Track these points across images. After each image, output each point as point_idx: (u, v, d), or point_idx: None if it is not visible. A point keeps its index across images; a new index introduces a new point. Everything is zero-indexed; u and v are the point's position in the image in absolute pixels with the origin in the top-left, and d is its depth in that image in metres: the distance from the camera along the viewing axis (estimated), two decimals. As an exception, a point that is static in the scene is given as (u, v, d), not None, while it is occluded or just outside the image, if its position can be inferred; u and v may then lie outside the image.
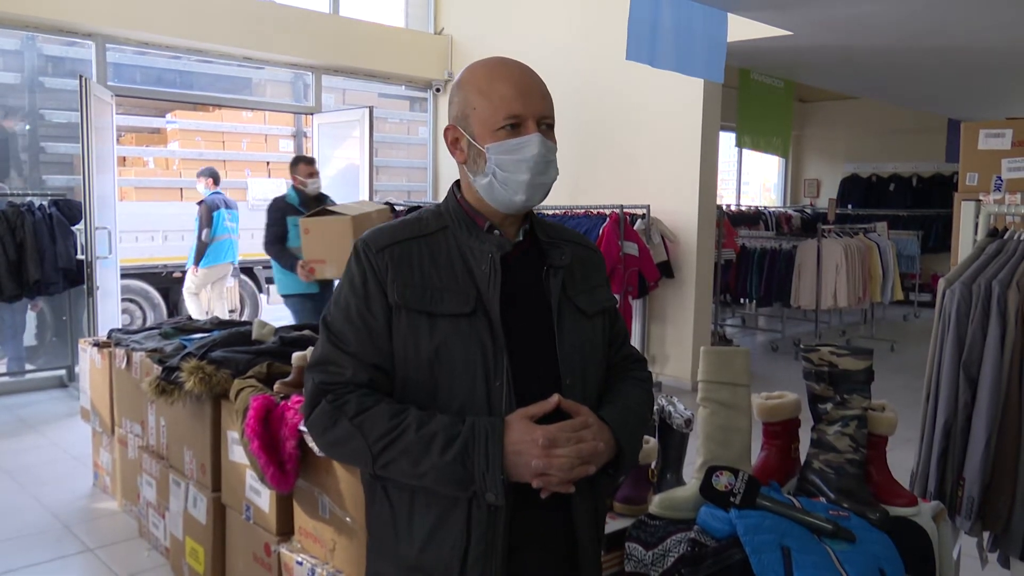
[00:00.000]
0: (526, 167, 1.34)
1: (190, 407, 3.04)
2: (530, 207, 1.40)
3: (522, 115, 1.34)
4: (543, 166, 1.35)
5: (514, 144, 1.34)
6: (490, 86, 1.36)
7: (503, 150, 1.34)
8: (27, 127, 7.04)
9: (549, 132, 1.38)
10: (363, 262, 1.37)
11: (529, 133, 1.34)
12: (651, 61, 5.07)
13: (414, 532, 1.36)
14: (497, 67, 1.38)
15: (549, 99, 1.39)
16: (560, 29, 7.44)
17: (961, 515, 2.24)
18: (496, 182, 1.36)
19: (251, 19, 7.16)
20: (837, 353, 1.83)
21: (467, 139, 1.38)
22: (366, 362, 1.35)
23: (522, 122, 1.34)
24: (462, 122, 1.39)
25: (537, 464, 1.26)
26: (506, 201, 1.37)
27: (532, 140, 1.34)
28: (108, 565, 3.37)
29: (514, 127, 1.34)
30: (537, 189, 1.37)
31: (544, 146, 1.35)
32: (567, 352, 1.38)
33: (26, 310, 6.66)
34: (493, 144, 1.35)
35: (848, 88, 9.22)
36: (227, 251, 7.40)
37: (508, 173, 1.35)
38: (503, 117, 1.34)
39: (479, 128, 1.36)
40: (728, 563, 1.57)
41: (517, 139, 1.34)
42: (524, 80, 1.37)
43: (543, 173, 1.36)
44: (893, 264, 8.49)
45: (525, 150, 1.34)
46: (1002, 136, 3.50)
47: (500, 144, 1.34)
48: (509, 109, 1.34)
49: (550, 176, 1.38)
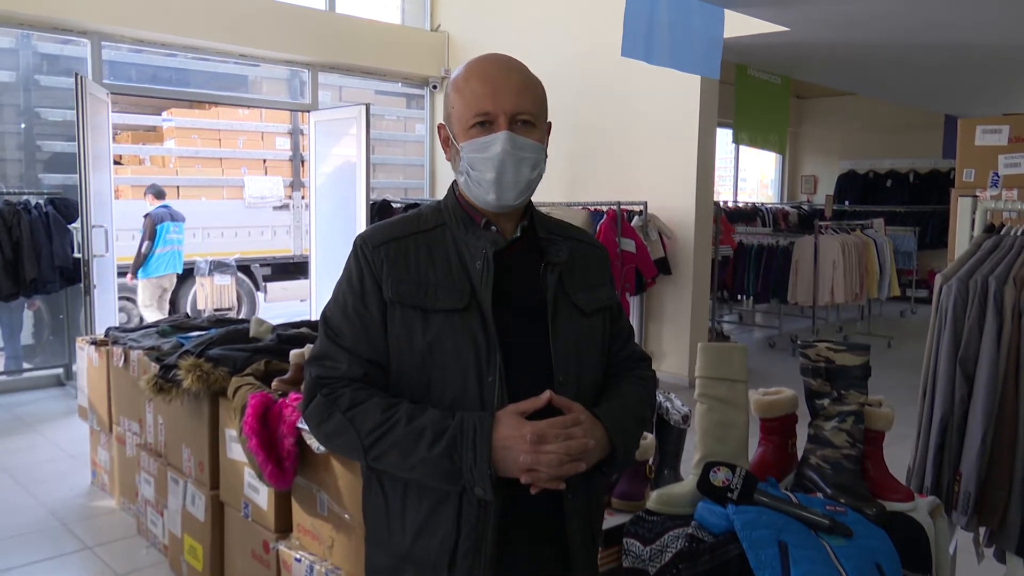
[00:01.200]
0: (491, 165, 1.33)
1: (188, 405, 3.04)
2: (507, 205, 1.38)
3: (492, 112, 1.33)
4: (511, 164, 1.33)
5: (481, 143, 1.34)
6: (465, 84, 1.36)
7: (472, 148, 1.35)
8: (23, 125, 7.03)
9: (526, 128, 1.36)
10: (360, 258, 1.38)
11: (498, 131, 1.33)
12: (647, 58, 5.07)
13: (407, 523, 1.37)
14: (475, 64, 1.38)
15: (529, 94, 1.36)
16: (557, 25, 7.43)
17: (957, 510, 2.24)
18: (470, 181, 1.36)
19: (247, 16, 7.14)
20: (834, 349, 1.84)
21: (451, 137, 1.39)
22: (361, 357, 1.36)
23: (493, 119, 1.33)
24: (447, 120, 1.40)
25: (525, 460, 1.26)
26: (481, 199, 1.37)
27: (497, 138, 1.33)
28: (107, 563, 3.37)
29: (484, 124, 1.34)
30: (507, 188, 1.35)
31: (511, 143, 1.33)
32: (561, 349, 1.38)
33: (23, 309, 6.66)
34: (465, 143, 1.35)
35: (845, 84, 9.22)
36: (172, 262, 7.59)
37: (477, 172, 1.35)
38: (473, 115, 1.34)
39: (457, 126, 1.37)
40: (725, 558, 1.58)
41: (484, 137, 1.34)
42: (498, 76, 1.35)
43: (512, 172, 1.34)
44: (890, 260, 8.51)
45: (490, 148, 1.33)
46: (999, 132, 3.51)
47: (470, 143, 1.35)
48: (479, 107, 1.33)
49: (522, 174, 1.35)
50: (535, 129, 1.37)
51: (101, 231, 5.97)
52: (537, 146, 1.37)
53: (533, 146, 1.36)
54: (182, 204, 8.16)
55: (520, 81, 1.36)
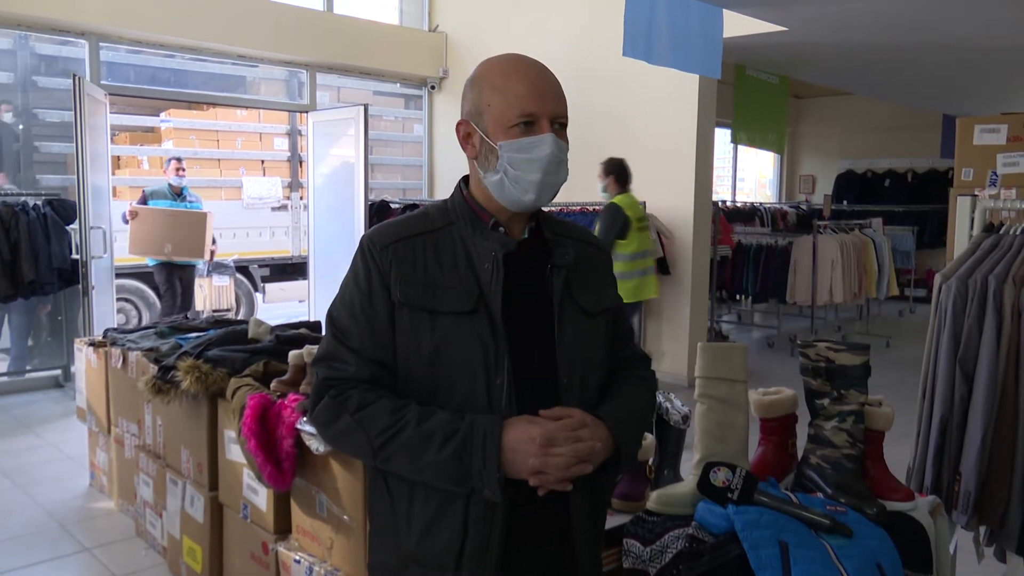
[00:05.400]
0: (538, 166, 1.34)
1: (187, 406, 3.03)
2: (539, 207, 1.41)
3: (536, 114, 1.34)
4: (555, 166, 1.35)
5: (527, 143, 1.34)
6: (506, 83, 1.35)
7: (516, 148, 1.34)
8: (20, 127, 7.01)
9: (562, 132, 1.38)
10: (367, 258, 1.38)
11: (543, 132, 1.34)
12: (647, 57, 5.07)
13: (413, 524, 1.37)
14: (514, 64, 1.38)
15: (563, 100, 1.39)
16: (556, 25, 7.43)
17: (958, 510, 2.24)
18: (507, 180, 1.36)
19: (245, 17, 7.14)
20: (834, 349, 1.84)
21: (480, 135, 1.38)
22: (369, 358, 1.36)
23: (536, 121, 1.34)
24: (476, 118, 1.38)
25: (534, 463, 1.27)
26: (515, 199, 1.37)
27: (546, 140, 1.34)
28: (105, 565, 3.36)
29: (527, 125, 1.34)
30: (547, 189, 1.36)
31: (557, 146, 1.34)
32: (566, 351, 1.38)
33: (28, 311, 6.60)
34: (506, 142, 1.34)
35: (843, 84, 9.23)
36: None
37: (519, 171, 1.34)
38: (517, 115, 1.34)
39: (492, 125, 1.36)
40: (726, 559, 1.57)
41: (530, 138, 1.34)
42: (540, 79, 1.37)
43: (554, 173, 1.36)
44: (889, 260, 8.51)
45: (538, 149, 1.33)
46: (997, 131, 3.51)
47: (513, 142, 1.34)
48: (524, 107, 1.33)
49: (561, 176, 1.38)
50: (565, 133, 1.39)
51: (99, 232, 5.96)
52: (568, 150, 1.39)
53: (567, 150, 1.39)
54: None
55: (557, 85, 1.39)
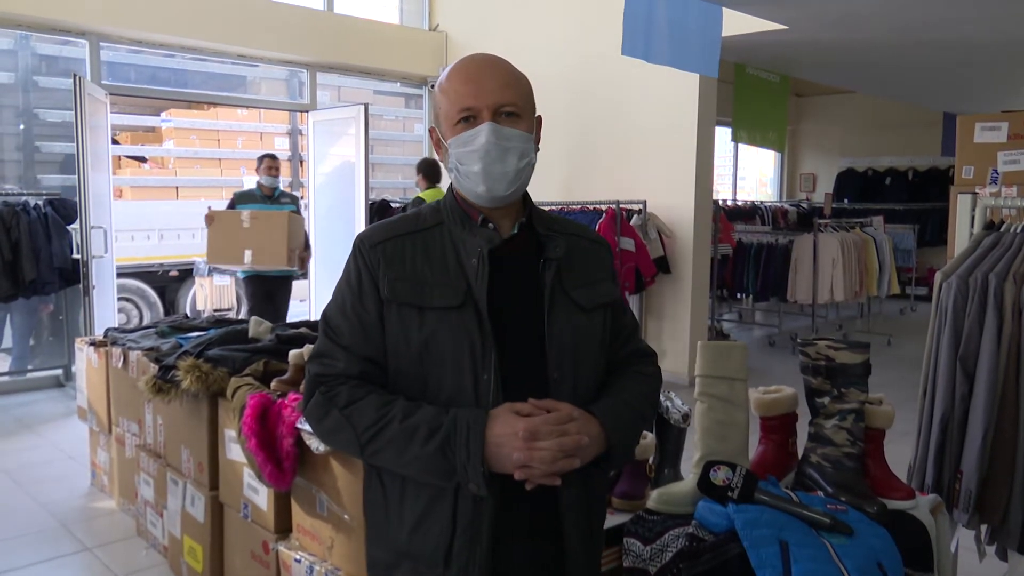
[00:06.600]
0: (477, 157, 1.35)
1: (187, 406, 3.03)
2: (499, 196, 1.38)
3: (474, 107, 1.35)
4: (497, 154, 1.34)
5: (466, 136, 1.36)
6: (449, 84, 1.39)
7: (458, 143, 1.37)
8: (21, 127, 7.02)
9: (511, 119, 1.37)
10: (358, 258, 1.41)
11: (481, 124, 1.35)
12: (646, 56, 5.07)
13: (404, 518, 1.38)
14: (461, 64, 1.41)
15: (511, 87, 1.38)
16: (555, 24, 7.42)
17: (959, 508, 2.24)
18: (460, 175, 1.39)
19: (245, 16, 7.14)
20: (834, 347, 1.84)
21: (439, 137, 1.42)
22: (359, 355, 1.38)
23: (476, 114, 1.36)
24: (436, 122, 1.43)
25: (518, 457, 1.27)
26: (472, 192, 1.39)
27: (481, 130, 1.35)
28: (106, 564, 3.37)
29: (468, 120, 1.36)
30: (498, 179, 1.36)
31: (495, 134, 1.34)
32: (556, 346, 1.38)
33: (29, 310, 6.61)
34: (452, 139, 1.38)
35: (844, 82, 9.22)
36: None
37: (465, 165, 1.37)
38: (457, 111, 1.36)
39: (444, 125, 1.40)
40: (726, 557, 1.57)
41: (469, 131, 1.36)
42: (479, 72, 1.38)
43: (499, 161, 1.35)
44: (889, 258, 8.51)
45: (476, 140, 1.35)
46: (998, 129, 3.51)
47: (456, 138, 1.37)
48: (462, 103, 1.36)
49: (510, 164, 1.36)
50: (520, 120, 1.38)
51: (100, 232, 5.96)
52: (523, 135, 1.38)
53: (519, 135, 1.37)
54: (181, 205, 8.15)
55: (502, 75, 1.38)
